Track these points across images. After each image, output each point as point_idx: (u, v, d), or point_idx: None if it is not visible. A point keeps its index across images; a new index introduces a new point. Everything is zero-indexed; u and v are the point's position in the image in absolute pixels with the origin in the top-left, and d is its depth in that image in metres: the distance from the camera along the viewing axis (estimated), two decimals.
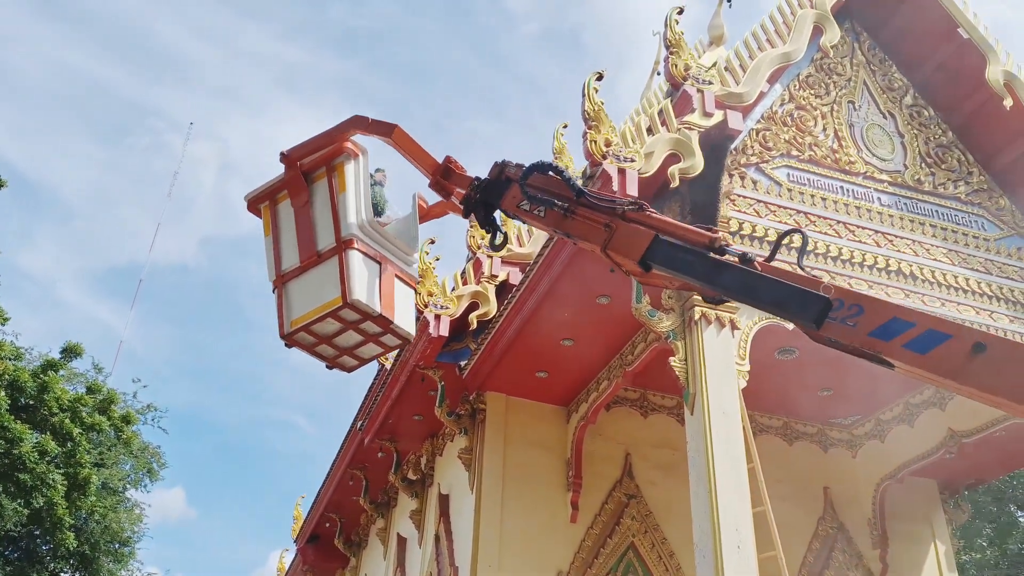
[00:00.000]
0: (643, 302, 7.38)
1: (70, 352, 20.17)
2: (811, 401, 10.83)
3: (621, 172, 6.78)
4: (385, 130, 4.36)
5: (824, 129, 8.93)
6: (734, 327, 7.33)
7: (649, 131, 7.40)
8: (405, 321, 4.45)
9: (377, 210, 4.71)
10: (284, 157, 4.44)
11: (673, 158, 7.15)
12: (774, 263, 4.05)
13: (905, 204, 8.82)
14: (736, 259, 3.72)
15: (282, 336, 4.38)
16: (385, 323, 4.31)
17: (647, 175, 6.95)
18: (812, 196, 8.40)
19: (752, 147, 8.41)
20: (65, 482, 18.17)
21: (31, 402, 18.49)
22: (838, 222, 8.34)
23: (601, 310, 8.28)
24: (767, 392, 10.64)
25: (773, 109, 8.75)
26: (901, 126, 9.38)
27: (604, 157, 6.85)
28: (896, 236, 8.52)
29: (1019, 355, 3.15)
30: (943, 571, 10.81)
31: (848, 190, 8.62)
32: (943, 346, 3.25)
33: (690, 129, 7.28)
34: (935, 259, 8.56)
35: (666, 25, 7.85)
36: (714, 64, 8.61)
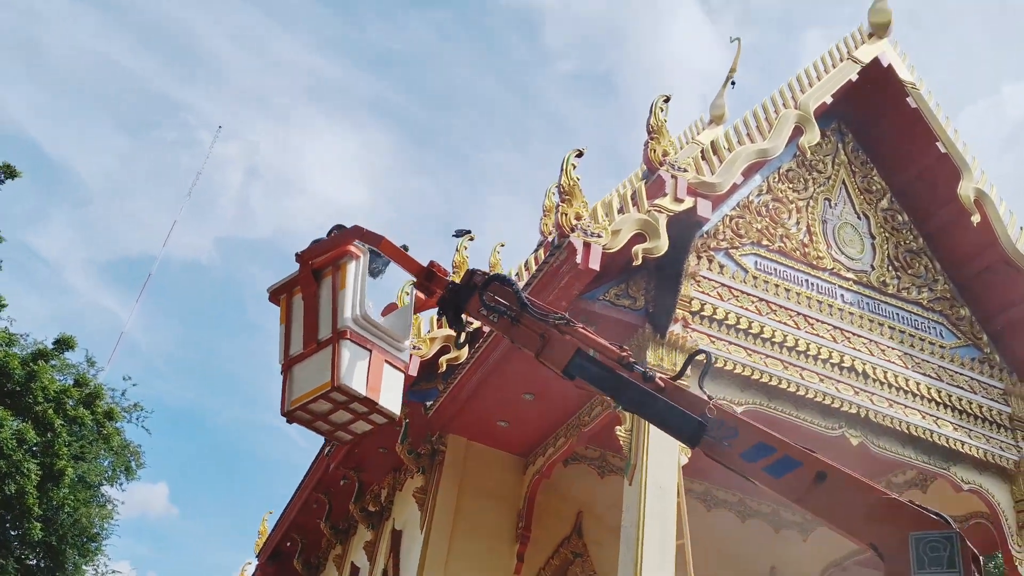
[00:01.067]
0: None
1: (63, 344, 20.49)
2: None
3: (586, 246, 7.15)
4: (374, 240, 4.88)
5: (797, 223, 9.31)
6: None
7: (621, 210, 7.78)
8: (391, 401, 4.84)
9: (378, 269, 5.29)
10: (298, 257, 5.01)
11: (639, 237, 7.51)
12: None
13: (867, 304, 9.15)
14: (639, 375, 4.09)
15: (283, 413, 4.90)
16: (371, 404, 4.74)
17: (612, 251, 7.32)
18: (776, 285, 8.73)
19: (724, 232, 8.78)
20: (40, 472, 18.39)
21: (17, 389, 18.78)
22: (798, 314, 8.67)
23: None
24: (723, 469, 10.91)
25: (749, 198, 9.13)
26: (874, 228, 9.74)
27: (572, 230, 7.22)
28: (854, 334, 8.84)
29: (853, 487, 3.48)
30: None
31: (812, 284, 8.96)
32: (793, 472, 3.60)
33: (659, 212, 7.65)
34: (889, 360, 8.86)
35: (651, 111, 8.27)
36: (710, 141, 9.01)
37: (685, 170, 8.02)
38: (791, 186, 9.47)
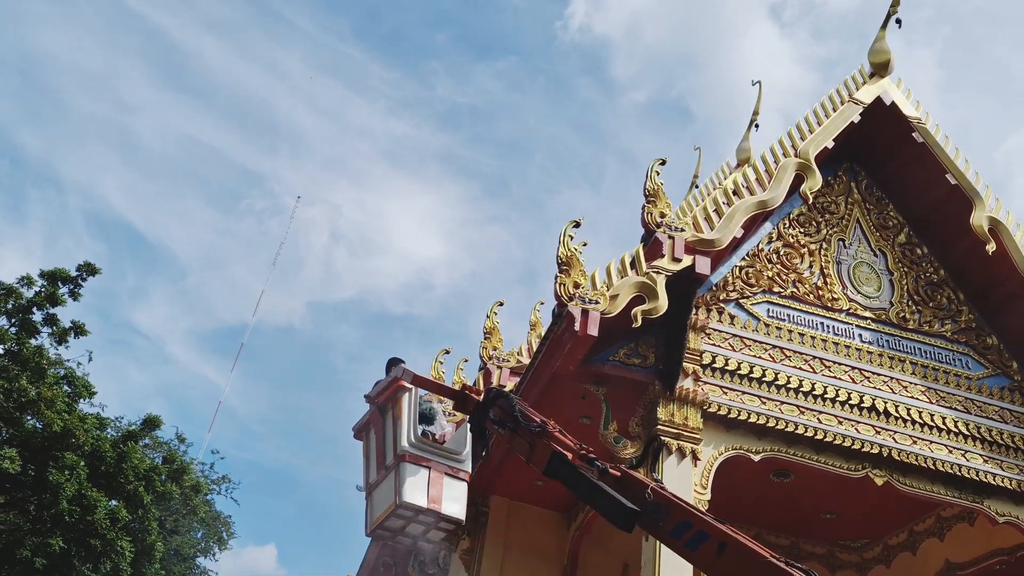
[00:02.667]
0: (610, 429, 8.02)
1: (150, 424, 21.72)
2: (817, 522, 11.04)
3: (584, 313, 7.51)
4: (411, 379, 5.66)
5: (811, 266, 9.46)
6: (696, 458, 7.84)
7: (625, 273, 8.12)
8: (454, 509, 5.53)
9: (428, 418, 6.02)
10: (367, 398, 5.90)
11: (638, 300, 7.83)
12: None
13: (887, 341, 9.19)
14: (596, 471, 4.55)
15: (367, 534, 5.72)
16: (435, 514, 5.46)
17: (610, 316, 7.65)
18: (790, 331, 8.89)
19: (734, 283, 9.01)
20: (133, 549, 19.43)
21: (110, 470, 19.97)
22: (814, 358, 8.79)
23: (586, 429, 8.88)
24: (774, 512, 10.96)
25: (759, 247, 9.35)
26: (891, 264, 9.80)
27: (571, 299, 7.61)
28: (873, 373, 8.89)
29: (748, 555, 3.78)
30: None
31: (828, 326, 9.08)
32: (705, 544, 3.93)
33: (657, 273, 7.96)
34: (912, 396, 8.86)
35: (647, 176, 8.63)
36: (713, 197, 9.30)
37: (682, 229, 8.33)
38: (803, 231, 9.64)
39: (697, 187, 15.29)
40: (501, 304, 11.60)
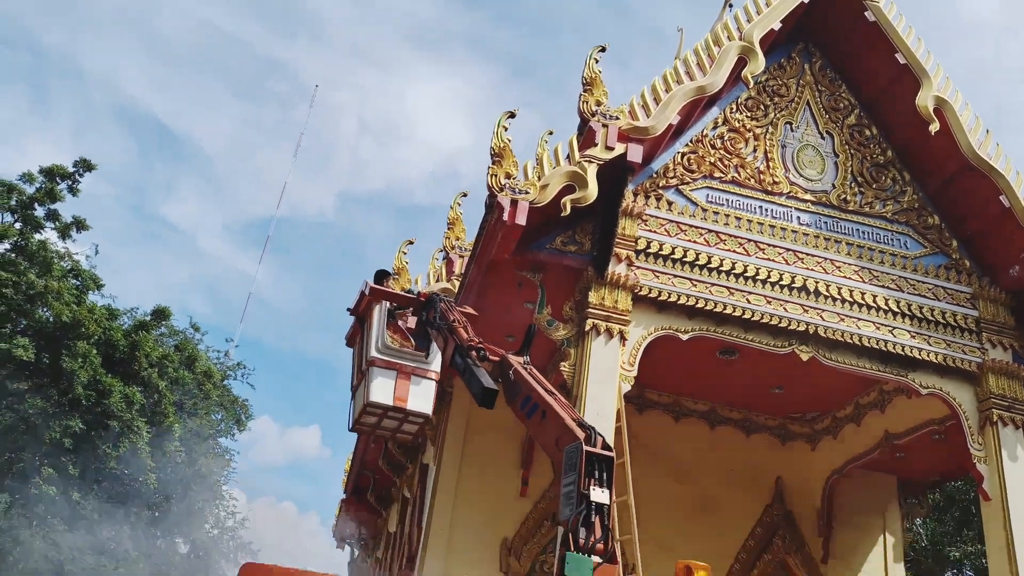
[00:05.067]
0: (543, 312, 8.45)
1: (159, 315, 22.66)
2: (767, 397, 11.56)
3: (513, 203, 7.81)
4: (372, 292, 6.54)
5: (755, 150, 9.60)
6: (623, 338, 8.27)
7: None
8: (420, 405, 6.42)
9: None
10: (349, 311, 6.76)
11: (569, 189, 8.09)
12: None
13: (825, 223, 9.41)
14: (476, 356, 5.18)
15: (349, 429, 6.76)
16: (402, 411, 6.33)
17: (540, 205, 7.94)
18: (727, 216, 9.13)
19: (674, 170, 9.21)
20: (151, 430, 20.66)
21: (124, 358, 21.02)
22: (749, 240, 9.05)
23: (531, 313, 9.35)
24: (726, 388, 11.49)
25: (704, 132, 9.48)
26: (838, 146, 9.90)
27: (501, 189, 7.89)
28: (807, 254, 9.15)
29: (557, 418, 4.29)
30: (888, 560, 11.45)
31: (767, 210, 9.29)
32: (535, 412, 4.50)
33: (589, 162, 8.18)
34: (844, 276, 9.14)
35: (585, 63, 8.73)
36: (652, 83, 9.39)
37: (617, 118, 8.49)
38: (749, 115, 9.73)
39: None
40: (465, 195, 11.90)
